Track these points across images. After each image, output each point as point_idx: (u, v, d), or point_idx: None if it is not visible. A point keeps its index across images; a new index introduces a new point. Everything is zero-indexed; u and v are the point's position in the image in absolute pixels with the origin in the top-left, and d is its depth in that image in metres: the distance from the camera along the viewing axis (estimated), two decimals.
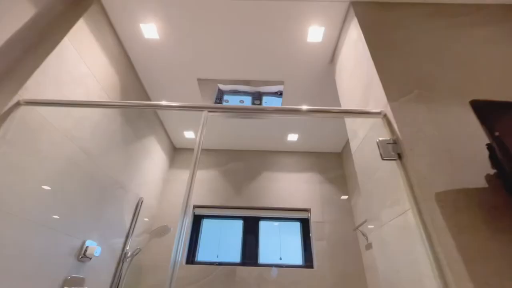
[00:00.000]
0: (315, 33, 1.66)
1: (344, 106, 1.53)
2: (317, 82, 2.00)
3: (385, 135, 0.98)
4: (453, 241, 0.70)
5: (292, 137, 2.68)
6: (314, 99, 2.15)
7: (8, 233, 1.00)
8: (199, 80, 2.04)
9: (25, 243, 1.07)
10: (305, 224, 2.56)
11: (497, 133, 0.70)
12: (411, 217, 0.81)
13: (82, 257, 1.40)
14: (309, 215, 2.55)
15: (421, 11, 1.44)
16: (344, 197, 2.64)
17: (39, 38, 1.23)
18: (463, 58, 1.21)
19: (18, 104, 1.02)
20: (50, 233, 1.20)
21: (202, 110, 1.09)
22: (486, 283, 0.65)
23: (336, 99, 1.69)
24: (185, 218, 0.93)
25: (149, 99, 2.12)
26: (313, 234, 2.43)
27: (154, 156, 2.37)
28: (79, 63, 1.35)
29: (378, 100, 1.09)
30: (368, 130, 1.16)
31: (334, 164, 2.81)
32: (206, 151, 2.87)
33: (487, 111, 0.75)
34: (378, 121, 1.04)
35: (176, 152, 2.88)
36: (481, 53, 1.23)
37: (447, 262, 0.68)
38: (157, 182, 2.46)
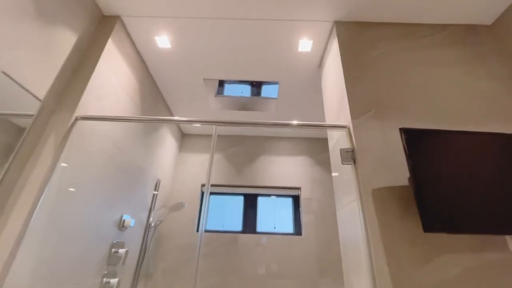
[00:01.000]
0: (305, 45, 1.94)
1: (326, 110, 1.87)
2: (308, 83, 2.31)
3: (346, 145, 1.35)
4: (376, 221, 1.11)
5: None
6: (305, 97, 2.47)
7: (77, 211, 1.41)
8: (205, 79, 2.34)
9: (87, 218, 1.50)
10: (296, 200, 3.03)
11: (405, 136, 1.07)
12: (356, 205, 1.21)
13: (121, 227, 1.85)
14: (300, 193, 3.00)
15: (393, 32, 1.71)
16: (335, 174, 3.06)
17: (81, 60, 1.54)
18: (419, 80, 1.52)
19: (76, 119, 1.38)
20: (101, 211, 1.62)
21: (212, 125, 1.43)
22: (392, 246, 1.06)
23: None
24: (207, 195, 1.33)
25: (163, 98, 2.44)
26: (302, 208, 2.90)
27: (167, 143, 2.75)
28: (111, 78, 1.67)
29: (345, 115, 1.44)
30: (339, 136, 1.52)
31: (323, 149, 3.19)
32: (211, 136, 3.24)
33: (410, 135, 1.11)
34: (344, 133, 1.40)
35: (184, 138, 3.25)
36: (436, 75, 1.54)
37: (371, 234, 1.09)
38: (170, 165, 2.87)
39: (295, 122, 1.45)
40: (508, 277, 1.03)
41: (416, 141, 1.10)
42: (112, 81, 1.68)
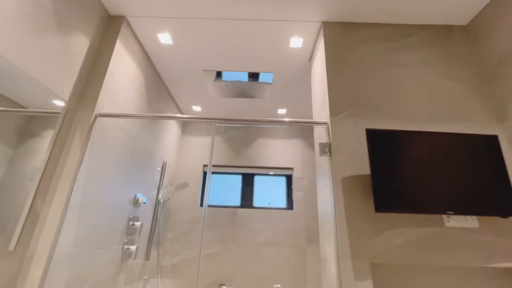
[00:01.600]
0: (296, 42, 2.10)
1: (313, 103, 2.08)
2: (300, 74, 2.49)
3: (325, 139, 1.60)
4: (343, 202, 1.39)
5: (282, 111, 3.25)
6: (297, 86, 2.66)
7: (101, 192, 1.71)
8: (204, 71, 2.52)
9: (109, 197, 1.80)
10: (289, 179, 3.34)
11: (369, 135, 1.32)
12: (329, 188, 1.49)
13: (136, 204, 2.16)
14: (292, 172, 3.31)
15: (375, 33, 1.86)
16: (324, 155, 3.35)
17: (95, 62, 1.74)
18: (393, 80, 1.72)
19: (96, 116, 1.62)
20: (119, 191, 1.92)
21: (212, 121, 1.66)
22: (353, 222, 1.36)
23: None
24: (209, 175, 1.60)
25: (166, 88, 2.64)
26: (294, 186, 3.22)
27: (171, 128, 2.99)
28: (121, 76, 1.88)
29: (326, 112, 1.67)
30: (320, 130, 1.76)
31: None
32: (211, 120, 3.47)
33: (372, 135, 1.36)
34: (324, 128, 1.64)
35: (186, 122, 3.49)
36: (409, 75, 1.73)
37: (338, 212, 1.38)
38: (174, 147, 3.14)
39: (286, 119, 1.69)
40: (441, 246, 1.34)
41: (376, 140, 1.36)
42: (121, 79, 1.89)
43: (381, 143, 1.36)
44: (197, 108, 3.26)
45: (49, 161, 1.40)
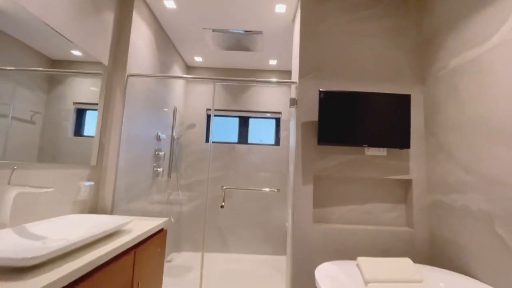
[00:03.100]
0: (280, 8, 2.49)
1: (292, 63, 2.61)
2: (285, 32, 2.92)
3: (294, 95, 2.22)
4: (301, 139, 2.11)
5: (273, 62, 3.72)
6: (283, 40, 3.10)
7: (137, 131, 2.43)
8: (203, 29, 2.95)
9: (141, 134, 2.53)
10: (277, 121, 4.04)
11: (320, 94, 1.97)
12: (293, 130, 2.19)
13: (158, 139, 2.92)
14: (280, 116, 3.98)
15: (342, 5, 2.26)
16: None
17: (119, 32, 2.23)
18: (350, 48, 2.22)
19: (128, 77, 2.21)
20: (147, 130, 2.65)
21: (212, 81, 2.25)
22: (305, 152, 2.11)
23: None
24: (212, 119, 2.31)
25: (173, 45, 3.10)
26: (281, 127, 3.94)
27: (178, 79, 3.54)
28: (138, 41, 2.38)
29: (297, 73, 2.24)
30: (293, 87, 2.36)
31: None
32: (211, 69, 3.97)
33: (322, 94, 1.98)
34: (294, 86, 2.24)
35: (189, 70, 3.99)
36: (364, 44, 2.23)
37: (297, 146, 2.11)
38: (181, 94, 3.75)
39: (273, 79, 2.28)
40: (361, 166, 2.11)
41: (324, 97, 1.99)
42: (139, 42, 2.40)
43: (327, 99, 2.00)
44: (198, 59, 3.73)
45: (104, 110, 2.08)
